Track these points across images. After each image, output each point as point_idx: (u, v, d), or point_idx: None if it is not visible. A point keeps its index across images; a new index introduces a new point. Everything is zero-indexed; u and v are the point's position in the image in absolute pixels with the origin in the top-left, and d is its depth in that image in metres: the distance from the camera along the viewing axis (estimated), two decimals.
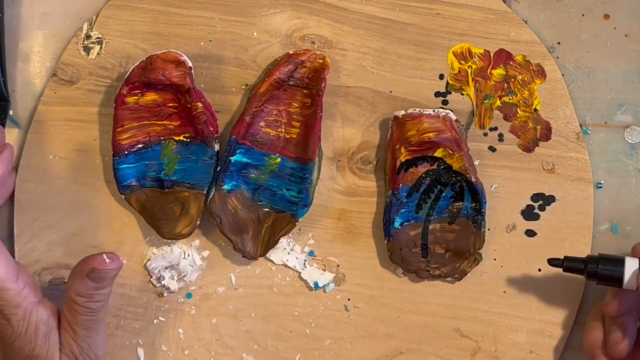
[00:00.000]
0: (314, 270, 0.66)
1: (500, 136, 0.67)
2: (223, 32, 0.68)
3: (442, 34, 0.68)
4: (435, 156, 0.65)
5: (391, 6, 0.69)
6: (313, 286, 0.66)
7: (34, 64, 0.69)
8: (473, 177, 0.65)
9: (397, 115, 0.65)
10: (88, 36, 0.68)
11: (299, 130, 0.65)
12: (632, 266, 0.59)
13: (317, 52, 0.65)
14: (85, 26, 0.68)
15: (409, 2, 0.69)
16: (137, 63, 0.65)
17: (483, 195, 0.65)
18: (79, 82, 0.68)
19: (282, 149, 0.65)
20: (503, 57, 0.68)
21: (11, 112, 0.68)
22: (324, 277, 0.66)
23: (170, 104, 0.66)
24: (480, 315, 0.66)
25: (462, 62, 0.68)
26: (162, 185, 0.65)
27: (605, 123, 0.68)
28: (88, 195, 0.67)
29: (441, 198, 0.65)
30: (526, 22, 0.69)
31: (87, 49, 0.68)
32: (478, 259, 0.65)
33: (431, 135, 0.65)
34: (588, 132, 0.68)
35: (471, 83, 0.68)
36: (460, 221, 0.65)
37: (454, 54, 0.68)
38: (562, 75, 0.68)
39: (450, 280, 0.65)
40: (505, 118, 0.68)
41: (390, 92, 0.68)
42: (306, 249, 0.66)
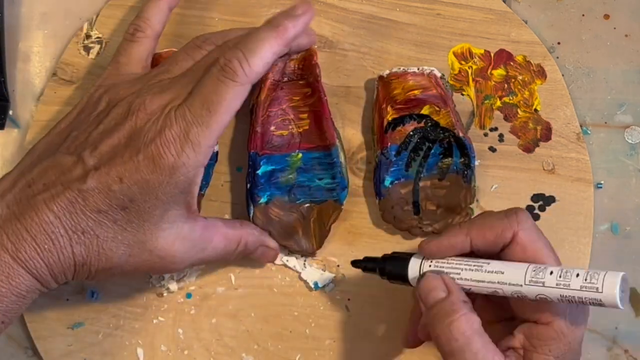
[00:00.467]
0: (314, 270, 0.66)
1: (500, 136, 0.67)
2: None
3: (443, 34, 0.68)
4: (422, 114, 0.65)
5: (391, 6, 0.69)
6: (313, 286, 0.66)
7: (34, 64, 0.69)
8: (460, 133, 0.65)
9: (382, 75, 0.65)
10: (88, 36, 0.68)
11: (309, 120, 0.65)
12: (415, 264, 0.58)
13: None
14: (85, 26, 0.68)
15: (410, 2, 0.69)
16: None
17: (471, 149, 0.65)
18: (79, 82, 0.68)
19: (300, 144, 0.65)
20: (503, 58, 0.68)
21: (11, 112, 0.68)
22: (324, 277, 0.66)
23: None
24: None
25: (463, 63, 0.68)
26: None
27: (605, 123, 0.68)
28: None
29: (430, 155, 0.65)
30: (526, 22, 0.69)
31: (87, 49, 0.68)
32: (470, 214, 0.64)
33: (417, 92, 0.65)
34: (588, 132, 0.68)
35: (471, 83, 0.68)
36: (450, 177, 0.65)
37: (455, 54, 0.68)
38: (562, 75, 0.68)
39: None
40: (505, 118, 0.68)
41: None
42: None
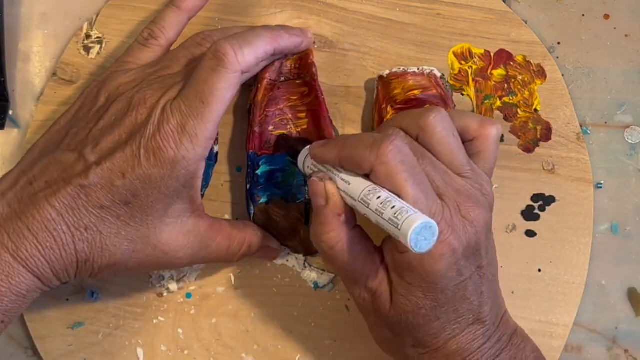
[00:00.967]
0: (314, 270, 0.66)
1: (500, 137, 0.67)
2: None
3: (443, 34, 0.68)
4: None
5: (391, 6, 0.69)
6: (313, 286, 0.66)
7: (34, 64, 0.69)
8: None
9: (382, 74, 0.65)
10: (88, 36, 0.68)
11: (307, 119, 0.65)
12: (302, 156, 0.60)
13: None
14: (85, 26, 0.68)
15: (410, 2, 0.69)
16: None
17: None
18: (79, 82, 0.68)
19: None
20: (503, 58, 0.68)
21: (11, 112, 0.68)
22: (324, 277, 0.66)
23: None
24: None
25: (463, 63, 0.68)
26: None
27: (605, 123, 0.68)
28: None
29: None
30: (526, 22, 0.69)
31: (87, 49, 0.68)
32: None
33: (417, 92, 0.65)
34: (588, 132, 0.68)
35: (471, 83, 0.68)
36: None
37: (455, 54, 0.68)
38: (562, 75, 0.68)
39: None
40: (505, 118, 0.68)
41: None
42: None
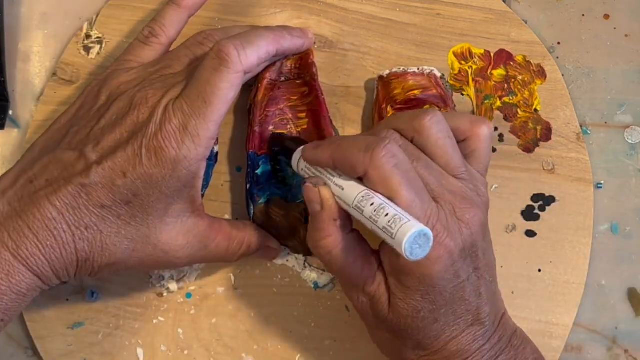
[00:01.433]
0: (314, 270, 0.66)
1: (500, 137, 0.67)
2: None
3: (443, 34, 0.68)
4: None
5: (392, 6, 0.69)
6: (313, 286, 0.66)
7: (34, 64, 0.69)
8: None
9: (382, 75, 0.65)
10: (88, 36, 0.68)
11: (307, 119, 0.65)
12: (296, 157, 0.60)
13: None
14: (85, 26, 0.68)
15: (410, 3, 0.69)
16: None
17: None
18: (79, 82, 0.68)
19: None
20: (503, 58, 0.68)
21: (11, 112, 0.68)
22: (324, 277, 0.66)
23: None
24: None
25: (463, 63, 0.68)
26: None
27: (605, 123, 0.68)
28: None
29: None
30: (526, 22, 0.69)
31: (87, 49, 0.68)
32: None
33: (417, 92, 0.64)
34: (588, 132, 0.68)
35: (471, 83, 0.68)
36: None
37: (455, 55, 0.68)
38: (562, 75, 0.68)
39: None
40: (505, 118, 0.68)
41: None
42: None
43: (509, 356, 0.57)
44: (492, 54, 0.68)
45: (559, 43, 0.69)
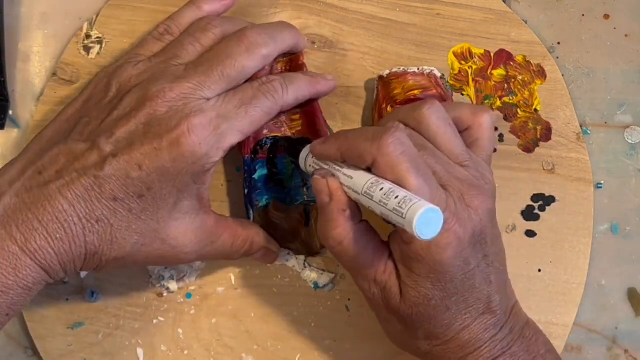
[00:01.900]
0: (314, 270, 0.66)
1: (500, 137, 0.67)
2: None
3: (443, 34, 0.68)
4: None
5: (391, 6, 0.69)
6: (313, 286, 0.66)
7: (34, 64, 0.69)
8: None
9: (382, 75, 0.65)
10: (88, 36, 0.68)
11: (301, 120, 0.65)
12: (304, 154, 0.60)
13: None
14: (85, 26, 0.68)
15: (410, 3, 0.69)
16: None
17: None
18: (79, 82, 0.68)
19: None
20: (503, 58, 0.68)
21: (11, 112, 0.68)
22: (324, 277, 0.66)
23: None
24: None
25: (463, 63, 0.68)
26: None
27: (605, 123, 0.68)
28: None
29: None
30: (526, 22, 0.69)
31: (87, 49, 0.68)
32: None
33: (417, 92, 0.64)
34: (588, 132, 0.68)
35: (471, 83, 0.68)
36: None
37: (455, 54, 0.68)
38: (562, 75, 0.68)
39: None
40: (505, 118, 0.68)
41: None
42: None
43: (522, 347, 0.57)
44: (492, 54, 0.68)
45: (559, 43, 0.69)
